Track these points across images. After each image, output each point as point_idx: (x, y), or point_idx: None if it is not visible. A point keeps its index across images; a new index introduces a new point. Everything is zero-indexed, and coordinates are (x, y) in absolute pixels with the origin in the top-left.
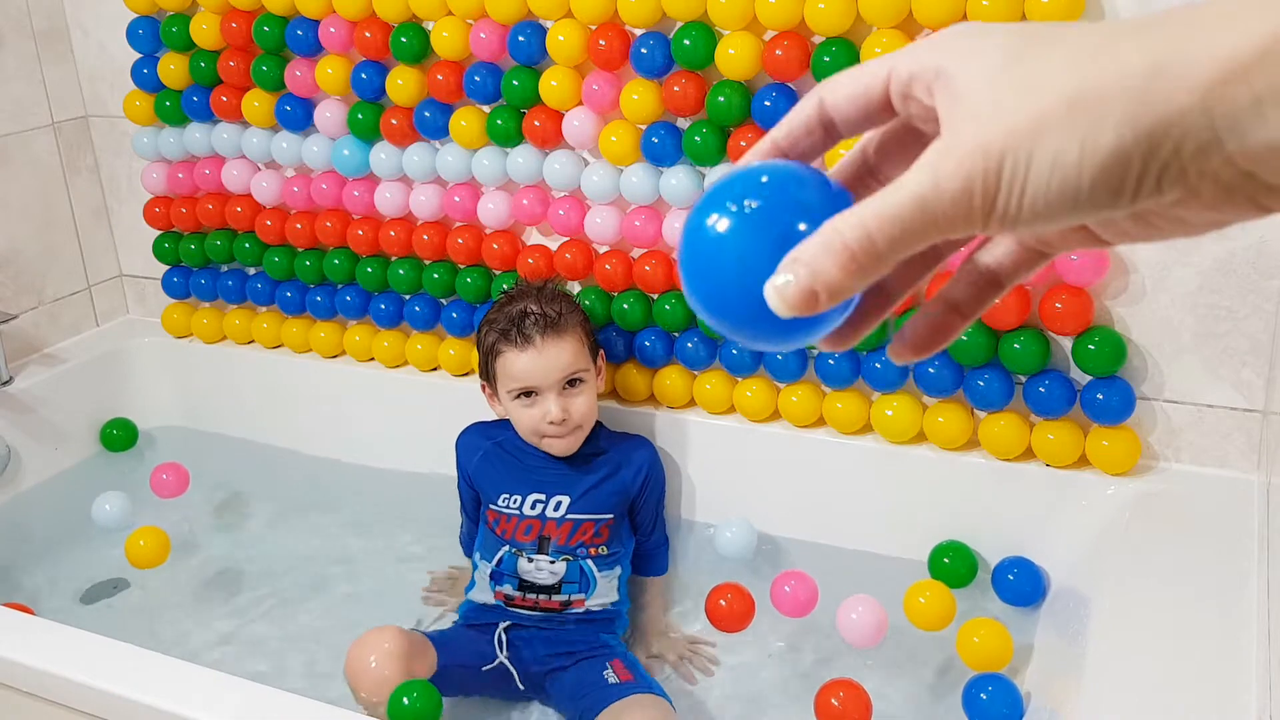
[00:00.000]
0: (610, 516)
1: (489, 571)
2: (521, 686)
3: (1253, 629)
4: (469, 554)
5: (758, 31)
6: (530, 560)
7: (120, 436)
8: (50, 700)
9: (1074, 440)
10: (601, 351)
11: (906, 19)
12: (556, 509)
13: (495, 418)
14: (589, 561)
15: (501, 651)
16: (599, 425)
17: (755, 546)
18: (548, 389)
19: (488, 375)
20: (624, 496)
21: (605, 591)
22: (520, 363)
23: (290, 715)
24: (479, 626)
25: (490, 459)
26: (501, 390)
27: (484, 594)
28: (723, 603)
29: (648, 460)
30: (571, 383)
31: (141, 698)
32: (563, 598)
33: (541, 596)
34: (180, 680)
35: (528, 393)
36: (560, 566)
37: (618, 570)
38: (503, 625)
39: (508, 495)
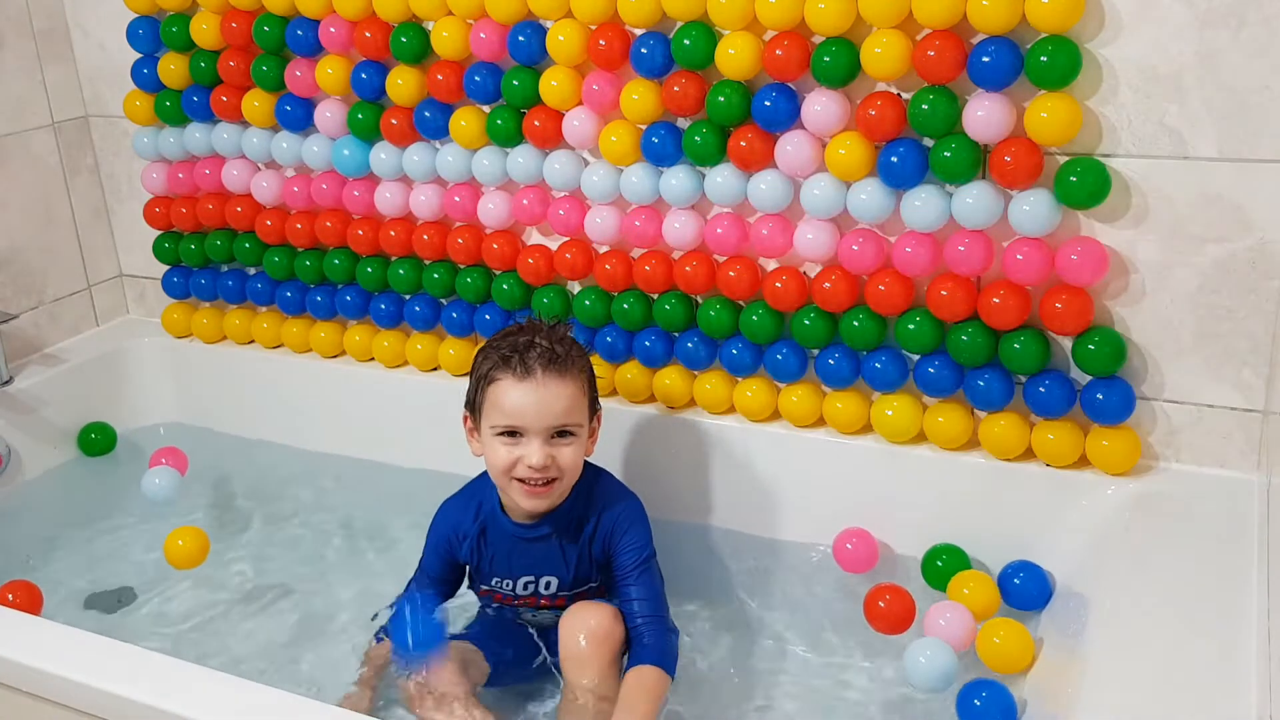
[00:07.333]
0: (599, 583)
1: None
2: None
3: (1253, 629)
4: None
5: (758, 31)
6: (531, 614)
7: (99, 441)
8: (51, 701)
9: (1074, 440)
10: (600, 412)
11: (906, 19)
12: (548, 588)
13: (464, 484)
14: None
15: (543, 651)
16: (589, 484)
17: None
18: (535, 433)
19: (474, 405)
20: (603, 564)
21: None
22: (514, 395)
23: (291, 715)
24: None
25: (478, 546)
26: (485, 424)
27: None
28: (881, 604)
29: (611, 523)
30: (561, 433)
31: (142, 698)
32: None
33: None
34: (181, 680)
35: (513, 432)
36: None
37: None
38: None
39: (499, 579)
